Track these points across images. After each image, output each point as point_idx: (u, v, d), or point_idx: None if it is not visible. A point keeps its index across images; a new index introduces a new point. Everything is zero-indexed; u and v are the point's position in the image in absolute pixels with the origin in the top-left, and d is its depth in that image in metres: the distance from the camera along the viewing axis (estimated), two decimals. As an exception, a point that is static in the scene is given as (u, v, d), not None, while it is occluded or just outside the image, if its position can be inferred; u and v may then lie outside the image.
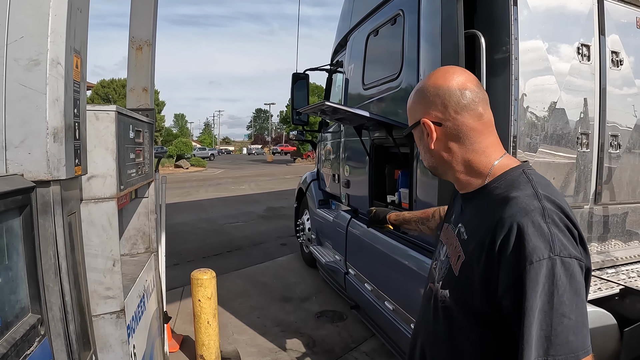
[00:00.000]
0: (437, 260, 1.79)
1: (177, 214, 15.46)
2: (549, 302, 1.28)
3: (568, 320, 1.29)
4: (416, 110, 1.69)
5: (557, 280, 1.29)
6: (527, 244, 1.31)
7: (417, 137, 1.73)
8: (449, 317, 1.57)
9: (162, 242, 4.62)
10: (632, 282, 3.49)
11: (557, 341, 1.27)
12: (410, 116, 1.73)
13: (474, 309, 1.46)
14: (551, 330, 1.27)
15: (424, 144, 1.70)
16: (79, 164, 1.88)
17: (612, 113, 3.76)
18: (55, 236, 1.71)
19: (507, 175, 1.58)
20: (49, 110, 1.65)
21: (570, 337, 1.28)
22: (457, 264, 1.56)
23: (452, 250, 1.64)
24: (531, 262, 1.29)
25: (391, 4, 4.86)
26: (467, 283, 1.48)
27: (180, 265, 9.29)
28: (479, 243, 1.46)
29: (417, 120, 1.68)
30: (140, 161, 3.15)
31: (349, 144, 6.14)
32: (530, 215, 1.37)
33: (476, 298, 1.44)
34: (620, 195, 3.93)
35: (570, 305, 1.30)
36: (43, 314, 1.66)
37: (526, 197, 1.44)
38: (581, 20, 3.61)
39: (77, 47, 1.83)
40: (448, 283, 1.59)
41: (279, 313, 6.81)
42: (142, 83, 4.30)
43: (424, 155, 1.73)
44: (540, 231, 1.33)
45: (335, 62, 7.50)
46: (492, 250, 1.39)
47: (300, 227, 9.12)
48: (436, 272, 1.75)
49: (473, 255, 1.48)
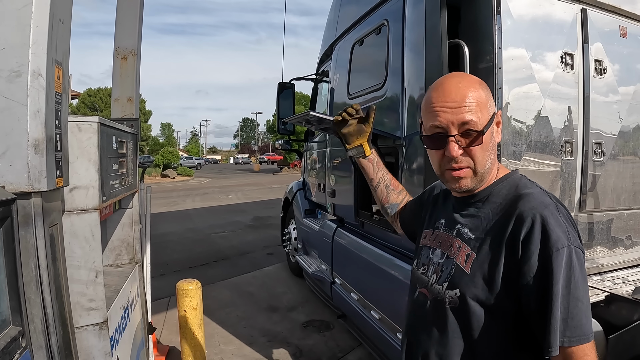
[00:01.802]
0: (428, 265, 1.79)
1: (164, 224, 15.40)
2: (567, 287, 1.39)
3: (581, 304, 1.40)
4: (489, 104, 1.62)
5: (574, 267, 1.41)
6: (551, 233, 1.42)
7: (490, 133, 1.61)
8: (462, 315, 1.58)
9: (147, 253, 4.60)
10: (618, 288, 3.52)
11: (572, 323, 1.38)
12: (482, 111, 1.58)
13: (493, 302, 1.50)
14: (568, 312, 1.38)
15: (493, 141, 1.63)
16: (61, 175, 1.87)
17: (595, 121, 3.79)
18: (37, 248, 1.70)
19: (509, 177, 1.70)
20: (30, 122, 1.65)
21: (583, 320, 1.40)
22: (467, 262, 1.59)
23: (453, 251, 1.67)
24: (557, 249, 1.41)
25: (376, 14, 4.89)
26: (483, 278, 1.52)
27: (167, 275, 9.23)
28: (495, 238, 1.54)
29: (494, 111, 1.64)
30: (124, 172, 3.14)
31: (335, 153, 6.14)
32: (549, 208, 1.49)
33: (495, 291, 1.50)
34: (605, 203, 3.96)
35: (582, 291, 1.42)
36: (24, 326, 1.64)
37: (540, 194, 1.57)
38: (565, 29, 3.65)
39: (58, 58, 1.82)
40: (458, 283, 1.59)
41: (266, 323, 6.78)
42: (127, 93, 4.28)
43: (483, 156, 1.61)
44: (558, 222, 1.46)
45: (320, 72, 7.51)
46: (514, 241, 1.48)
47: (286, 236, 9.11)
48: (429, 276, 1.75)
49: (488, 250, 1.55)
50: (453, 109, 1.56)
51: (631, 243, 4.22)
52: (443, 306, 1.63)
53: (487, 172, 1.63)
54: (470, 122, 1.54)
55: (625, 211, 4.15)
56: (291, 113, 7.52)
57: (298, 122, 5.29)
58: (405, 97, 4.12)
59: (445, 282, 1.64)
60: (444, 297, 1.62)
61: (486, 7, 3.40)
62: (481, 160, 1.59)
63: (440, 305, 1.64)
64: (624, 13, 3.99)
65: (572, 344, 1.37)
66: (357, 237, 5.44)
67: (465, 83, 1.60)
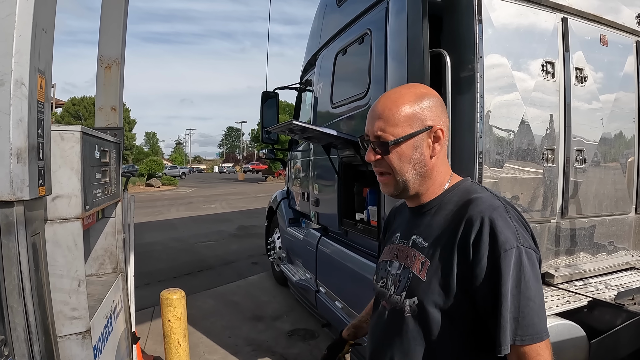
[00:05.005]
0: (387, 277, 1.81)
1: (148, 233, 15.31)
2: (517, 287, 1.43)
3: (533, 303, 1.43)
4: (415, 119, 1.63)
5: (524, 267, 1.45)
6: (499, 235, 1.46)
7: (410, 146, 1.64)
8: (421, 322, 1.59)
9: (130, 262, 4.58)
10: (600, 294, 3.55)
11: (524, 322, 1.41)
12: (408, 123, 1.63)
13: (450, 306, 1.53)
14: (519, 312, 1.42)
15: (419, 154, 1.65)
16: (43, 184, 1.87)
17: (577, 128, 3.84)
18: (19, 256, 1.70)
19: (460, 185, 1.75)
20: (13, 131, 1.65)
21: (535, 320, 1.43)
22: (422, 270, 1.61)
23: (409, 261, 1.70)
24: (505, 249, 1.44)
25: (359, 23, 4.92)
26: (439, 284, 1.55)
27: (151, 285, 9.17)
28: (447, 243, 1.57)
29: (427, 127, 1.64)
30: (107, 181, 3.14)
31: (318, 162, 6.16)
32: (498, 210, 1.53)
33: (451, 295, 1.52)
34: (587, 209, 4.01)
35: (534, 290, 1.45)
36: (7, 334, 1.65)
37: (489, 197, 1.61)
38: (546, 37, 3.70)
39: (41, 67, 1.83)
40: (415, 291, 1.61)
41: (251, 332, 6.76)
42: (111, 102, 4.28)
43: (401, 167, 1.66)
44: (506, 224, 1.49)
45: (304, 81, 7.51)
46: (465, 244, 1.51)
47: (271, 245, 9.09)
48: (389, 287, 1.77)
49: (441, 256, 1.58)
50: (372, 119, 1.68)
51: (614, 249, 4.28)
52: (402, 315, 1.65)
53: (411, 182, 1.68)
54: (379, 134, 1.64)
55: (607, 217, 4.20)
56: (275, 122, 7.53)
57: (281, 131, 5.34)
58: (387, 106, 4.13)
59: (404, 292, 1.66)
60: (403, 306, 1.65)
61: (468, 16, 3.44)
62: (399, 170, 1.66)
63: (399, 314, 1.67)
64: (604, 22, 4.06)
65: (524, 343, 1.41)
66: (341, 245, 5.44)
67: (395, 97, 1.67)
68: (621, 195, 4.26)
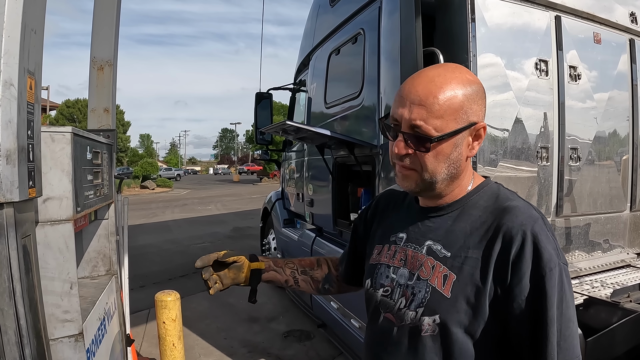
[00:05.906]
0: (392, 287, 1.57)
1: (143, 235, 15.30)
2: (559, 308, 1.29)
3: (572, 324, 1.31)
4: (464, 111, 1.39)
5: (564, 286, 1.31)
6: (544, 252, 1.30)
7: (451, 144, 1.41)
8: (442, 343, 1.40)
9: (124, 264, 4.56)
10: (596, 292, 3.56)
11: (565, 345, 1.28)
12: (446, 116, 1.37)
13: (478, 328, 1.35)
14: (561, 335, 1.28)
15: (457, 153, 1.43)
16: (34, 186, 1.86)
17: (571, 126, 3.85)
18: (9, 259, 1.68)
19: (485, 187, 1.55)
20: (2, 132, 1.63)
21: (575, 341, 1.31)
22: (445, 284, 1.40)
23: (426, 271, 1.47)
24: (550, 268, 1.29)
25: (352, 23, 4.92)
26: (468, 303, 1.36)
27: (146, 287, 9.15)
28: (480, 257, 1.38)
29: (471, 123, 1.42)
30: (99, 182, 3.11)
31: (313, 162, 6.17)
32: (538, 223, 1.36)
33: (481, 316, 1.35)
34: (582, 207, 4.02)
35: (572, 309, 1.33)
36: (-3, 338, 1.63)
37: (526, 207, 1.43)
38: (539, 36, 3.70)
39: (31, 68, 1.81)
40: (437, 308, 1.40)
41: (246, 334, 6.76)
42: (104, 104, 4.25)
43: (436, 166, 1.42)
44: (548, 239, 1.33)
45: (298, 81, 7.53)
46: (504, 261, 1.33)
47: (266, 246, 9.08)
48: (396, 299, 1.53)
49: (471, 271, 1.38)
50: (411, 103, 1.38)
51: (609, 246, 4.28)
52: (418, 333, 1.44)
53: (440, 182, 1.45)
54: (419, 124, 1.37)
55: (602, 215, 4.21)
56: (269, 123, 7.53)
57: (275, 131, 5.33)
58: (381, 105, 4.15)
59: (420, 308, 1.43)
60: (420, 324, 1.43)
61: (461, 15, 3.44)
62: (431, 169, 1.42)
63: (414, 332, 1.45)
64: (598, 20, 4.07)
65: None
66: (335, 245, 5.44)
67: (442, 79, 1.38)
68: (616, 193, 4.26)
